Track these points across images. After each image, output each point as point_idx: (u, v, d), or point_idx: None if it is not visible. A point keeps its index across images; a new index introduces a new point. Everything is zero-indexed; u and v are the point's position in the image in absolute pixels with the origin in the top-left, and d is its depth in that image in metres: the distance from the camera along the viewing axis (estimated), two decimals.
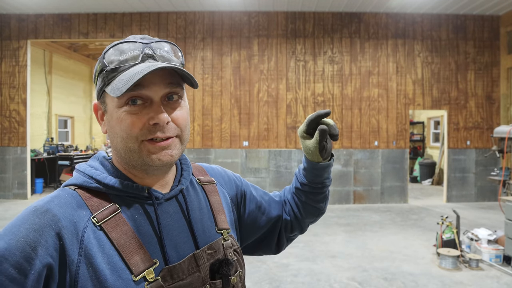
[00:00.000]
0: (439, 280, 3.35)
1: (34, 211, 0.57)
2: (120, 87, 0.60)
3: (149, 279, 0.59)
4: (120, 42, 0.64)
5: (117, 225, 0.61)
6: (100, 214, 0.61)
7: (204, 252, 0.68)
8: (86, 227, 0.59)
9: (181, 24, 7.09)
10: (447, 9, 6.84)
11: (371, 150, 7.00)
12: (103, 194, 0.64)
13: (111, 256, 0.58)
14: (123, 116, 0.62)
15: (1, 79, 7.16)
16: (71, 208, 0.60)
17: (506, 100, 7.00)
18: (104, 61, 0.63)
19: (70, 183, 0.65)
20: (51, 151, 8.43)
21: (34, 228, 0.55)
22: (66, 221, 0.58)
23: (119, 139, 0.64)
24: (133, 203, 0.65)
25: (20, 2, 6.57)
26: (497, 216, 5.78)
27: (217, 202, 0.79)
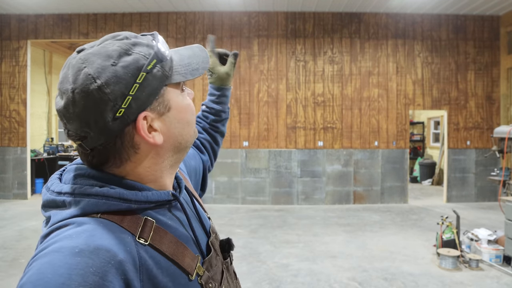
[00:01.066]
0: (439, 280, 3.35)
1: (79, 253, 0.47)
2: (197, 67, 0.64)
3: (200, 273, 0.62)
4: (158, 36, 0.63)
5: (161, 237, 0.58)
6: (142, 232, 0.56)
7: (213, 237, 0.72)
8: (138, 251, 0.54)
9: (181, 24, 7.09)
10: (447, 9, 6.84)
11: (371, 150, 7.00)
12: (129, 212, 0.57)
13: (168, 269, 0.57)
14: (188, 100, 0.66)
15: (1, 79, 7.16)
16: (117, 238, 0.52)
17: (506, 100, 7.00)
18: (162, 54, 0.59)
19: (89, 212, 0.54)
20: (51, 151, 8.43)
21: (92, 272, 0.46)
22: (123, 254, 0.51)
23: (189, 127, 0.66)
24: (159, 210, 0.62)
25: (20, 2, 6.57)
26: (497, 216, 5.78)
27: (192, 187, 0.81)
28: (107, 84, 0.52)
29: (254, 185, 6.99)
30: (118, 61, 0.54)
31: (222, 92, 1.09)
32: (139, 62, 0.55)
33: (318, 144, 7.02)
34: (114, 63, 0.53)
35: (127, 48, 0.55)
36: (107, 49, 0.55)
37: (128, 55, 0.55)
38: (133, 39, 0.58)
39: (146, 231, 0.56)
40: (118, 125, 0.55)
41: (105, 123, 0.54)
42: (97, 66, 0.53)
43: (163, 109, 0.60)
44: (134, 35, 0.60)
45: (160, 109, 0.59)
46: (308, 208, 6.69)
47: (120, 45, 0.56)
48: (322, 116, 7.05)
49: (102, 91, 0.52)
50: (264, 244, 4.50)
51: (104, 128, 0.54)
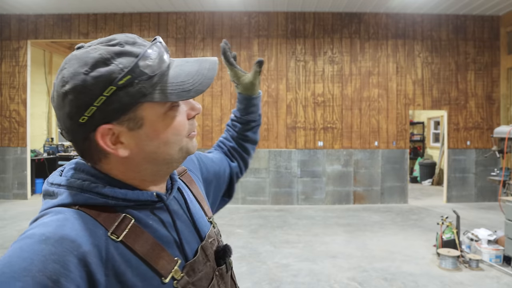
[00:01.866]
0: (439, 281, 3.35)
1: (45, 240, 0.49)
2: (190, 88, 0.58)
3: (177, 277, 0.60)
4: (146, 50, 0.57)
5: (136, 236, 0.58)
6: (115, 229, 0.56)
7: (208, 242, 0.71)
8: (107, 246, 0.54)
9: (181, 25, 7.09)
10: (447, 9, 6.84)
11: (371, 151, 7.00)
12: (109, 208, 0.58)
13: (139, 268, 0.56)
14: (174, 119, 0.61)
15: (1, 80, 7.16)
16: (87, 230, 0.53)
17: (506, 100, 7.00)
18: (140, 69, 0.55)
19: (68, 203, 0.56)
20: (51, 151, 8.42)
21: (53, 259, 0.48)
22: (88, 245, 0.52)
23: (173, 145, 0.61)
24: (142, 210, 0.62)
25: (20, 2, 6.57)
26: (497, 216, 5.78)
27: (198, 191, 0.80)
28: (73, 91, 0.53)
29: (254, 185, 6.99)
30: (92, 70, 0.53)
31: (249, 101, 1.04)
32: (112, 75, 0.53)
33: (318, 144, 7.02)
34: (86, 71, 0.53)
35: (107, 57, 0.54)
36: (88, 55, 0.54)
37: (105, 65, 0.53)
38: (125, 46, 0.56)
39: (121, 228, 0.56)
40: (82, 129, 0.56)
41: (71, 125, 0.56)
42: (71, 71, 0.54)
43: (133, 125, 0.57)
44: (132, 41, 0.58)
45: (130, 125, 0.57)
46: (308, 208, 6.69)
47: (102, 52, 0.54)
48: (322, 116, 7.05)
49: (67, 97, 0.54)
50: (264, 244, 4.50)
51: (70, 128, 0.56)
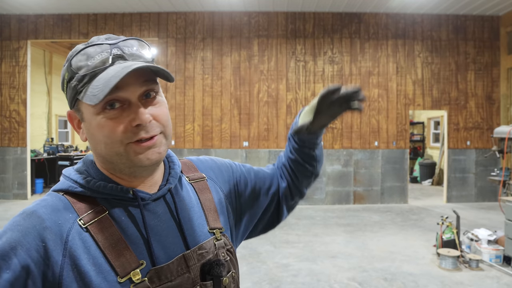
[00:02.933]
0: (439, 281, 3.35)
1: (21, 214, 0.59)
2: (96, 93, 0.57)
3: (135, 280, 0.58)
4: (86, 47, 0.61)
5: (103, 227, 0.60)
6: (86, 217, 0.60)
7: (195, 252, 0.66)
8: (71, 229, 0.59)
9: (181, 25, 7.09)
10: (447, 9, 6.84)
11: (371, 151, 7.00)
12: (90, 198, 0.63)
13: (96, 258, 0.58)
14: (103, 123, 0.60)
15: (1, 80, 7.16)
16: (57, 211, 0.60)
17: (506, 100, 7.00)
18: (72, 69, 0.60)
19: (57, 189, 0.64)
20: (51, 151, 8.43)
21: (18, 229, 0.56)
22: (51, 223, 0.58)
23: (102, 145, 0.62)
24: (119, 206, 0.64)
25: (20, 3, 6.57)
26: (497, 216, 5.78)
27: (209, 200, 0.76)
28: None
29: None
30: (65, 64, 0.63)
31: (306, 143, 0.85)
32: (64, 71, 0.63)
33: None
34: (64, 64, 0.64)
35: (70, 55, 0.62)
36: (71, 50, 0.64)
37: (67, 61, 0.63)
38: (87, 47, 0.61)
39: (90, 217, 0.60)
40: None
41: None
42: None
43: (81, 117, 0.65)
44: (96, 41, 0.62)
45: (80, 116, 0.65)
46: (308, 208, 6.69)
47: (72, 50, 0.63)
48: None
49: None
50: (264, 244, 4.50)
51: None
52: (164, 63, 7.09)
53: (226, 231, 0.77)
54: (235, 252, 0.76)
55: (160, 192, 0.68)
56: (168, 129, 0.67)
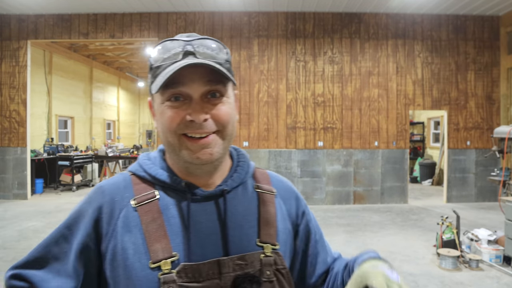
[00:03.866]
0: (439, 281, 3.35)
1: (94, 188, 0.72)
2: (157, 83, 0.62)
3: (164, 270, 0.60)
4: (166, 40, 0.67)
5: (150, 211, 0.65)
6: (139, 198, 0.66)
7: (232, 261, 0.63)
8: (124, 207, 0.66)
9: (181, 25, 7.09)
10: (447, 9, 6.84)
11: (371, 151, 7.00)
12: (149, 182, 0.70)
13: (137, 238, 0.63)
14: (164, 110, 0.65)
15: (1, 80, 7.16)
16: (118, 189, 0.69)
17: (506, 100, 7.00)
18: (150, 59, 0.67)
19: (129, 169, 0.74)
20: (51, 151, 8.42)
21: (87, 200, 0.69)
22: (109, 198, 0.67)
23: (162, 134, 0.67)
24: (171, 195, 0.68)
25: (20, 3, 6.57)
26: (497, 216, 5.78)
27: (269, 213, 0.72)
28: None
29: None
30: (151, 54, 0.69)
31: None
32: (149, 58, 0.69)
33: (318, 144, 7.02)
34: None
35: (154, 46, 0.71)
36: None
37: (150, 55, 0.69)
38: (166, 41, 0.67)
39: (143, 199, 0.66)
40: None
41: None
42: None
43: (153, 104, 0.70)
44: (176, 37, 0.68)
45: (153, 103, 0.70)
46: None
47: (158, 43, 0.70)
48: (322, 116, 7.05)
49: None
50: None
51: None
52: None
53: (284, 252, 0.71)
54: (288, 275, 0.69)
55: (212, 191, 0.68)
56: (227, 130, 0.67)
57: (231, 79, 0.65)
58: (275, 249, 0.69)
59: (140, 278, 0.60)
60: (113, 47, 9.59)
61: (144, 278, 0.60)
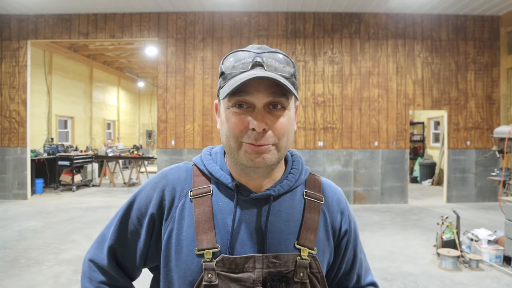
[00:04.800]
0: (439, 281, 3.35)
1: (160, 173, 0.81)
2: (226, 90, 0.67)
3: (206, 258, 0.69)
4: (239, 50, 0.71)
5: (203, 204, 0.73)
6: (196, 190, 0.75)
7: (267, 259, 0.69)
8: (182, 196, 0.75)
9: (181, 25, 7.09)
10: (447, 9, 6.84)
11: (371, 151, 7.00)
12: (207, 177, 0.78)
13: (189, 226, 0.72)
14: (229, 116, 0.70)
15: (1, 80, 7.16)
16: (179, 179, 0.78)
17: (506, 100, 7.00)
18: (222, 66, 0.72)
19: (193, 160, 0.82)
20: (51, 151, 8.42)
21: (154, 186, 0.78)
22: (171, 187, 0.77)
23: (224, 136, 0.73)
24: (223, 192, 0.75)
25: (20, 3, 6.57)
26: (497, 216, 5.78)
27: (312, 220, 0.76)
28: None
29: None
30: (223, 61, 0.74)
31: None
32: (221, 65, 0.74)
33: (318, 144, 7.02)
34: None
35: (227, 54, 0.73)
36: None
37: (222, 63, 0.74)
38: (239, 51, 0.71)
39: (199, 192, 0.75)
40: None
41: None
42: None
43: (219, 108, 0.77)
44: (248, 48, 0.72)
45: (219, 107, 0.77)
46: None
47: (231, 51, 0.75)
48: (322, 116, 7.05)
49: None
50: None
51: None
52: (164, 63, 7.10)
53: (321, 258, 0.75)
54: (323, 280, 0.74)
55: (260, 195, 0.73)
56: (283, 142, 0.71)
57: (294, 93, 0.68)
58: (312, 254, 0.73)
59: (187, 261, 0.70)
60: (113, 47, 9.59)
61: (189, 262, 0.70)
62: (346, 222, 0.83)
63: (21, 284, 3.20)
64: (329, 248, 0.79)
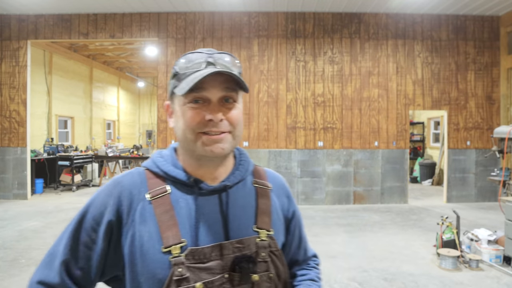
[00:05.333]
0: (439, 281, 3.35)
1: (113, 181, 0.80)
2: (184, 87, 0.72)
3: (174, 254, 0.71)
4: (190, 53, 0.78)
5: (162, 203, 0.75)
6: (153, 192, 0.76)
7: (232, 244, 0.75)
8: (140, 200, 0.76)
9: (181, 25, 7.09)
10: (447, 9, 6.85)
11: (371, 151, 7.00)
12: (162, 178, 0.79)
13: (151, 226, 0.73)
14: (186, 111, 0.75)
15: (1, 80, 7.16)
16: (134, 184, 0.78)
17: (506, 100, 7.00)
18: (175, 68, 0.78)
19: (143, 165, 0.84)
20: (51, 151, 8.42)
21: (108, 194, 0.77)
22: (128, 192, 0.76)
23: (180, 130, 0.77)
24: (181, 189, 0.78)
25: (20, 3, 6.57)
26: (497, 216, 5.78)
27: (265, 205, 0.84)
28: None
29: None
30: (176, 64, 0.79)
31: None
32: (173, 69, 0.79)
33: (318, 144, 7.02)
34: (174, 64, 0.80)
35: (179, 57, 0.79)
36: None
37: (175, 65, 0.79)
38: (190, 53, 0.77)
39: (156, 193, 0.76)
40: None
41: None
42: None
43: (173, 108, 0.81)
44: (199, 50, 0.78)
45: (172, 107, 0.81)
46: (308, 208, 6.69)
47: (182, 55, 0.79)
48: (322, 116, 7.05)
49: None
50: None
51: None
52: (164, 63, 7.09)
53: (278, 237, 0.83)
54: (281, 256, 0.82)
55: (216, 186, 0.79)
56: (237, 131, 0.79)
57: (245, 87, 0.76)
58: (270, 234, 0.81)
59: (154, 261, 0.71)
60: (113, 47, 9.59)
61: (157, 261, 0.71)
62: (292, 205, 0.93)
63: (21, 284, 3.20)
64: (282, 229, 0.88)
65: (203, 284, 0.71)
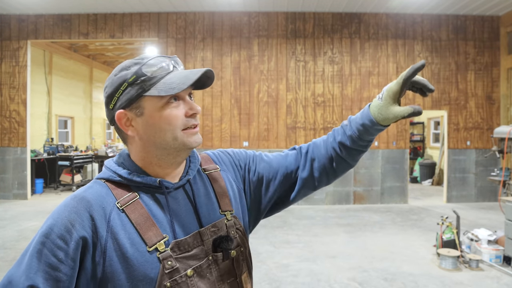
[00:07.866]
0: (439, 281, 3.35)
1: (74, 198, 0.76)
2: (174, 87, 0.74)
3: (161, 250, 0.74)
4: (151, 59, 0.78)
5: (135, 209, 0.76)
6: (122, 200, 0.76)
7: (208, 230, 0.81)
8: (112, 210, 0.75)
9: (181, 25, 7.09)
10: (447, 9, 6.85)
11: (371, 151, 7.00)
12: (125, 185, 0.79)
13: (131, 233, 0.74)
14: (169, 112, 0.77)
15: (1, 80, 7.16)
16: (101, 196, 0.76)
17: (506, 100, 7.00)
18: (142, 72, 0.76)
19: (100, 177, 0.81)
20: (51, 151, 8.43)
21: (74, 211, 0.73)
22: (97, 206, 0.75)
23: (166, 132, 0.77)
24: (148, 192, 0.80)
25: (20, 3, 6.57)
26: (497, 216, 5.78)
27: (221, 187, 0.90)
28: (107, 86, 0.79)
29: None
30: (117, 74, 0.77)
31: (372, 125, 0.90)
32: (127, 75, 0.76)
33: None
34: (115, 74, 0.78)
35: (128, 65, 0.77)
36: (120, 64, 0.79)
37: (126, 70, 0.77)
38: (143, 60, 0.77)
39: (126, 201, 0.76)
40: (111, 114, 0.80)
41: (107, 111, 0.82)
42: (109, 75, 0.80)
43: (139, 113, 0.78)
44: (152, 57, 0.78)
45: (136, 112, 0.78)
46: (308, 208, 6.69)
47: (126, 62, 0.78)
48: (322, 116, 7.05)
49: (105, 90, 0.80)
50: (264, 244, 4.50)
51: (107, 114, 0.82)
52: None
53: (238, 213, 0.91)
54: (244, 231, 0.89)
55: (180, 182, 0.83)
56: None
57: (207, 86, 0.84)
58: (232, 214, 0.88)
59: (142, 263, 0.73)
60: (113, 47, 9.59)
61: (146, 262, 0.73)
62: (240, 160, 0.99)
63: None
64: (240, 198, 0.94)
65: (193, 270, 0.76)
